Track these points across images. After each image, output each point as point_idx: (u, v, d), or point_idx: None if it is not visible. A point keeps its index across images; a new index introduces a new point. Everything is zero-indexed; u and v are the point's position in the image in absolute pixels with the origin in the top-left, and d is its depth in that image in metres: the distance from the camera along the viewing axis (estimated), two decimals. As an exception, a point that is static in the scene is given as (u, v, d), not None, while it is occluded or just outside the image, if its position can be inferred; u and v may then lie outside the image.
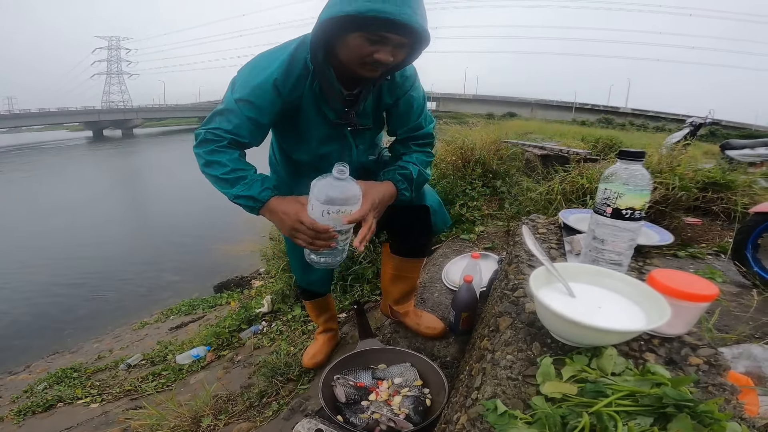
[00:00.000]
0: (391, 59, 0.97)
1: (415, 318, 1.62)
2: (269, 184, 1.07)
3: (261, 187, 1.06)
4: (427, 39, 0.99)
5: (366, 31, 0.92)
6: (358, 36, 0.93)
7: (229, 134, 1.05)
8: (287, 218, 1.04)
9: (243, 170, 1.05)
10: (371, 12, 0.86)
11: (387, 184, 1.20)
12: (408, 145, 1.30)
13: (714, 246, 2.43)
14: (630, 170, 0.83)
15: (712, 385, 0.66)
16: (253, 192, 1.04)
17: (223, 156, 1.04)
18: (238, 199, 1.05)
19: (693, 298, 0.72)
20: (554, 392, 0.57)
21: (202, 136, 1.05)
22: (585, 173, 2.76)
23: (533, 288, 0.70)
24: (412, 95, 1.22)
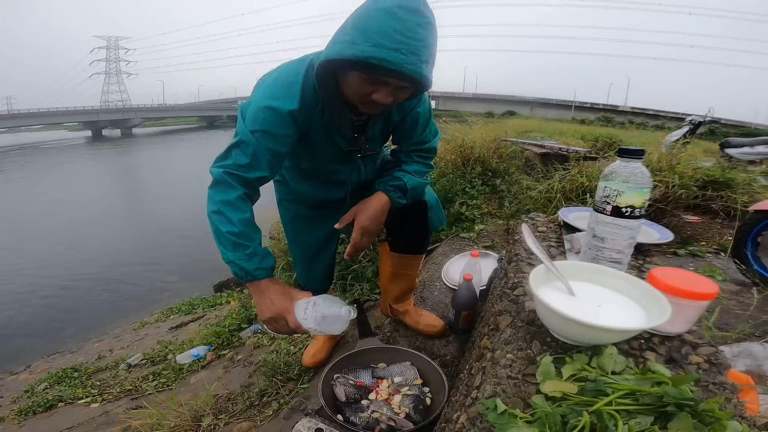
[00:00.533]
0: (391, 100, 0.94)
1: (415, 316, 1.63)
2: (266, 264, 1.03)
3: (258, 264, 1.01)
4: (429, 85, 0.94)
5: (365, 73, 0.88)
6: (357, 76, 0.90)
7: (248, 171, 1.01)
8: (273, 307, 1.01)
9: (249, 238, 1.00)
10: (374, 60, 0.82)
11: (379, 196, 1.22)
12: (410, 155, 1.32)
13: (714, 244, 2.43)
14: (630, 168, 0.83)
15: (712, 384, 0.66)
16: (249, 267, 1.00)
17: (235, 213, 0.99)
18: (230, 264, 1.01)
19: (693, 296, 0.72)
20: (554, 391, 0.57)
21: (219, 176, 1.00)
22: (585, 171, 2.77)
23: (533, 286, 0.69)
24: (419, 111, 1.21)
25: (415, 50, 0.83)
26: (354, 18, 0.86)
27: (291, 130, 1.03)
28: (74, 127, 65.16)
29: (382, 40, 0.81)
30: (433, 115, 1.33)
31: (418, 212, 1.40)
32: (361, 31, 0.83)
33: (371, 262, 2.45)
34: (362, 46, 0.82)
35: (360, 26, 0.83)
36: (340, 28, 0.89)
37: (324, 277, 1.59)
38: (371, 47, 0.81)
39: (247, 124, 1.01)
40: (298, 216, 1.44)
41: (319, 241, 1.47)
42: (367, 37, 0.81)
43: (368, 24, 0.82)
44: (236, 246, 0.99)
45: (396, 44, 0.81)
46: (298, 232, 1.49)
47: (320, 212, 1.41)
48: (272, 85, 1.02)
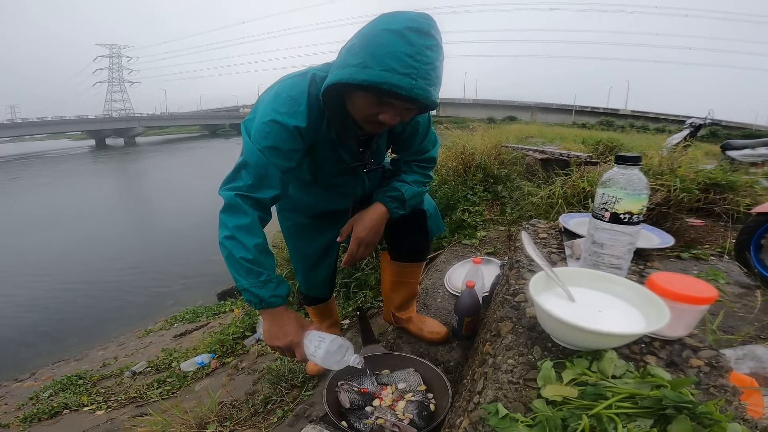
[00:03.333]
0: (397, 120, 0.94)
1: (419, 323, 1.63)
2: (281, 292, 1.02)
3: (272, 291, 1.00)
4: (435, 107, 0.96)
5: (374, 96, 0.88)
6: (366, 98, 0.90)
7: (259, 191, 1.00)
8: (283, 338, 1.02)
9: (262, 265, 0.99)
10: (386, 86, 0.82)
11: (376, 207, 1.23)
12: (410, 164, 1.33)
13: (717, 247, 2.42)
14: (627, 175, 0.84)
15: (713, 387, 0.67)
16: (264, 294, 1.00)
17: (249, 239, 0.97)
18: (244, 291, 1.00)
19: (692, 300, 0.73)
20: (555, 395, 0.58)
21: (231, 200, 0.98)
22: (586, 176, 2.77)
23: (533, 293, 0.71)
24: (418, 120, 1.22)
25: (424, 74, 0.83)
26: (363, 39, 0.85)
27: (299, 145, 1.02)
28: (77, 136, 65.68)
29: (393, 65, 0.80)
30: (434, 122, 1.34)
31: (417, 221, 1.41)
32: (372, 54, 0.82)
33: (374, 269, 2.46)
34: (374, 71, 0.81)
35: (371, 49, 0.82)
36: (348, 47, 0.88)
37: (326, 284, 1.59)
38: (382, 72, 0.81)
39: (254, 141, 0.99)
40: (298, 225, 1.44)
41: (320, 250, 1.47)
42: (379, 61, 0.81)
43: (379, 47, 0.81)
44: (250, 272, 0.98)
45: (407, 69, 0.81)
46: (299, 241, 1.48)
47: (320, 222, 1.41)
48: (276, 100, 1.00)
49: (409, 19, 0.82)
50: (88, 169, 28.74)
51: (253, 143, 0.99)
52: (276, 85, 1.04)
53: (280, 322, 1.03)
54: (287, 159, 1.02)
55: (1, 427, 2.79)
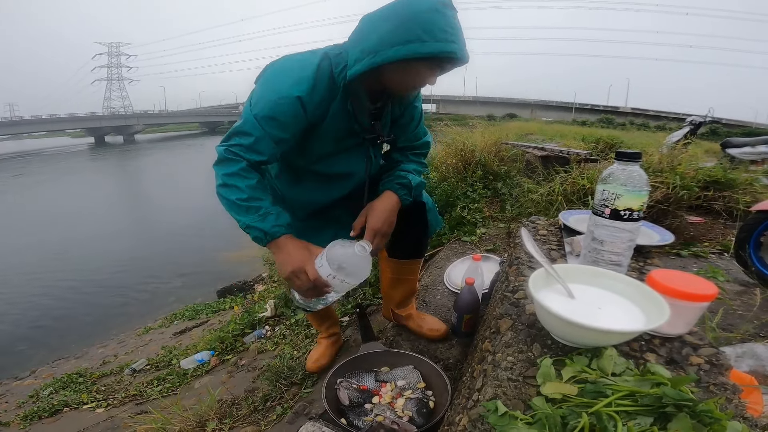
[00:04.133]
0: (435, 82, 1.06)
1: (418, 320, 1.64)
2: (282, 221, 1.06)
3: (274, 221, 1.04)
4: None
5: (434, 66, 1.00)
6: (425, 68, 1.00)
7: (248, 153, 1.03)
8: (292, 261, 1.04)
9: (259, 200, 1.03)
10: (443, 53, 0.93)
11: (388, 196, 1.24)
12: (405, 153, 1.34)
13: (717, 245, 2.42)
14: (627, 171, 0.84)
15: (713, 385, 0.67)
16: (266, 226, 1.03)
17: (241, 181, 1.02)
18: (248, 229, 1.04)
19: (692, 297, 0.72)
20: (554, 393, 0.58)
21: (221, 154, 1.03)
22: (586, 173, 2.76)
23: (532, 290, 0.70)
24: (416, 105, 1.26)
25: (460, 38, 0.95)
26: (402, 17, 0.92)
27: (299, 116, 1.04)
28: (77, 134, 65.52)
29: (442, 36, 0.92)
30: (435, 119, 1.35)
31: (418, 214, 1.40)
32: (423, 29, 0.91)
33: (373, 266, 2.46)
34: (431, 43, 0.91)
35: (421, 25, 0.91)
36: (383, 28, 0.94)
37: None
38: (437, 42, 0.92)
39: (252, 108, 1.02)
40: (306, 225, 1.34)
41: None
42: (431, 34, 0.91)
43: (426, 23, 0.91)
44: (249, 210, 1.02)
45: (450, 37, 0.93)
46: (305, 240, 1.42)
47: (315, 221, 1.35)
48: (280, 71, 1.04)
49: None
50: (87, 166, 28.73)
51: (251, 110, 1.02)
52: (281, 59, 1.08)
53: (287, 250, 1.06)
54: (283, 129, 1.04)
55: (1, 425, 2.80)
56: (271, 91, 1.02)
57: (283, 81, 1.02)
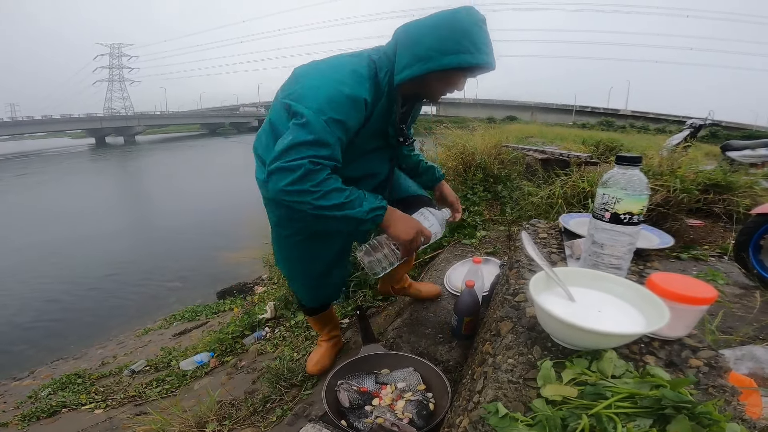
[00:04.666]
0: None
1: (416, 287, 1.84)
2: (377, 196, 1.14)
3: (374, 197, 1.12)
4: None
5: (470, 74, 1.12)
6: (462, 76, 1.12)
7: (330, 161, 1.04)
8: (413, 224, 1.17)
9: (354, 189, 1.09)
10: (484, 64, 1.05)
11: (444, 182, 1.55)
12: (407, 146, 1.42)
13: (716, 247, 2.42)
14: (628, 175, 0.84)
15: (712, 387, 0.67)
16: (377, 202, 1.11)
17: (335, 182, 1.05)
18: (371, 213, 1.09)
19: (692, 301, 0.73)
20: (555, 395, 0.58)
21: (306, 167, 0.99)
22: (586, 176, 2.77)
23: (533, 293, 0.71)
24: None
25: (492, 51, 1.07)
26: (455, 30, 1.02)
27: (361, 118, 1.09)
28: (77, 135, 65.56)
29: (485, 49, 1.04)
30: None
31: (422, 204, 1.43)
32: (471, 42, 1.02)
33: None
34: (477, 55, 1.03)
35: (469, 38, 1.02)
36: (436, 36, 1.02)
37: (338, 288, 1.59)
38: (481, 55, 1.04)
39: (317, 112, 1.00)
40: (309, 234, 1.35)
41: (334, 253, 1.44)
42: (477, 48, 1.03)
43: (474, 36, 1.02)
44: (358, 200, 1.08)
45: (489, 50, 1.06)
46: (309, 252, 1.39)
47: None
48: (339, 73, 1.05)
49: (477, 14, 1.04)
50: (88, 167, 28.75)
51: (316, 114, 1.00)
52: (328, 61, 1.10)
53: (401, 217, 1.17)
54: (347, 132, 1.07)
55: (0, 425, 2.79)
56: (338, 93, 1.02)
57: (347, 83, 1.03)
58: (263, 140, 1.21)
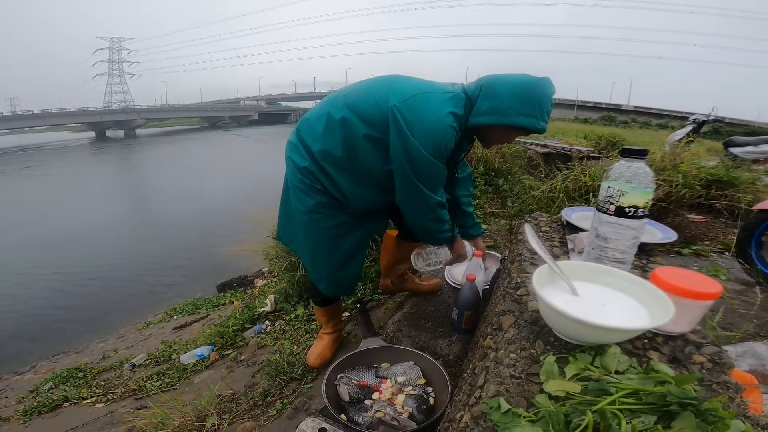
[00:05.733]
0: None
1: (416, 281, 1.95)
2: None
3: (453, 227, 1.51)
4: None
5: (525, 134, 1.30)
6: (518, 133, 1.30)
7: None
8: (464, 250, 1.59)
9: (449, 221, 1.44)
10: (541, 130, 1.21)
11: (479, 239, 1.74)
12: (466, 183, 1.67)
13: (718, 243, 2.41)
14: (633, 168, 0.83)
15: (716, 383, 0.66)
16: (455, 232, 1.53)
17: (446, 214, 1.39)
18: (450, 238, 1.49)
19: (697, 296, 0.72)
20: (558, 390, 0.57)
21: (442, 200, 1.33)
22: (588, 171, 2.76)
23: (536, 286, 0.70)
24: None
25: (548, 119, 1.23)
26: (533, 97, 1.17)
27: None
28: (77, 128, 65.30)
29: (547, 118, 1.21)
30: None
31: None
32: (540, 111, 1.18)
33: (374, 262, 2.46)
34: (540, 122, 1.19)
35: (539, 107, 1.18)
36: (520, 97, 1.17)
37: (356, 279, 1.63)
38: (544, 123, 1.20)
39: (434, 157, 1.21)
40: (339, 223, 1.41)
41: (355, 243, 1.49)
42: (543, 117, 1.19)
43: (544, 106, 1.19)
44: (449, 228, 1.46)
45: (548, 119, 1.21)
46: (336, 239, 1.44)
47: (360, 217, 1.45)
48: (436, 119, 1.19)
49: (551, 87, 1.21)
50: (89, 160, 28.69)
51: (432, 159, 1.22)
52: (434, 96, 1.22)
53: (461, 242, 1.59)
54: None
55: (1, 420, 2.80)
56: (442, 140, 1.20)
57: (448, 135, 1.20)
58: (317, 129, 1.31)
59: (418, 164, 1.20)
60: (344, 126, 1.24)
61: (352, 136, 1.24)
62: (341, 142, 1.26)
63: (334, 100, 1.31)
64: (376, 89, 1.25)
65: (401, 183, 1.27)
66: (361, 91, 1.29)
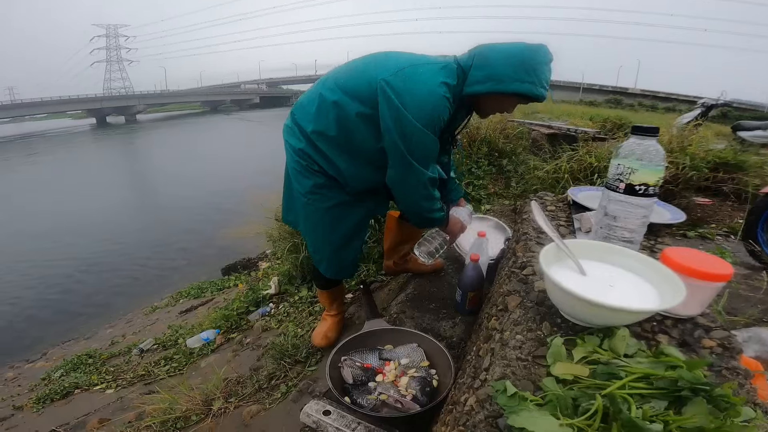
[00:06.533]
0: None
1: (419, 263, 1.90)
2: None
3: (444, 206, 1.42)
4: None
5: (524, 101, 1.24)
6: (516, 102, 1.25)
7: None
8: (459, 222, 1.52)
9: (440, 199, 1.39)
10: (540, 97, 1.17)
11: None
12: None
13: (724, 226, 2.39)
14: (644, 146, 0.80)
15: (725, 369, 0.64)
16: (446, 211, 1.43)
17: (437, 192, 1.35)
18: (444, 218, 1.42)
19: (709, 277, 0.70)
20: (565, 374, 0.56)
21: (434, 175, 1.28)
22: (594, 152, 2.72)
23: (543, 265, 0.68)
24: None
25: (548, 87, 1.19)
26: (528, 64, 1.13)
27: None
28: (78, 115, 65.04)
29: (546, 85, 1.17)
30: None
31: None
32: (537, 77, 1.14)
33: (377, 243, 2.45)
34: (538, 88, 1.15)
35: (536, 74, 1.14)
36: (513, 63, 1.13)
37: (356, 262, 1.62)
38: (542, 89, 1.16)
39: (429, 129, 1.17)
40: (338, 204, 1.41)
41: (354, 225, 1.48)
42: (541, 83, 1.15)
43: (541, 73, 1.15)
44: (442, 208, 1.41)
45: (547, 86, 1.18)
46: (335, 221, 1.44)
47: (358, 197, 1.43)
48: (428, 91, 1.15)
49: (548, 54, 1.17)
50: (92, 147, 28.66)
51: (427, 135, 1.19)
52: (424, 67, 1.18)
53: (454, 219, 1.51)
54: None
55: (15, 409, 2.85)
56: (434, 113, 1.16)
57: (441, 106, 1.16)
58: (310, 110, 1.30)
59: (410, 137, 1.16)
60: (336, 106, 1.23)
61: (345, 116, 1.23)
62: (335, 122, 1.25)
63: (326, 81, 1.30)
64: (365, 66, 1.24)
65: (393, 158, 1.23)
66: (352, 69, 1.27)
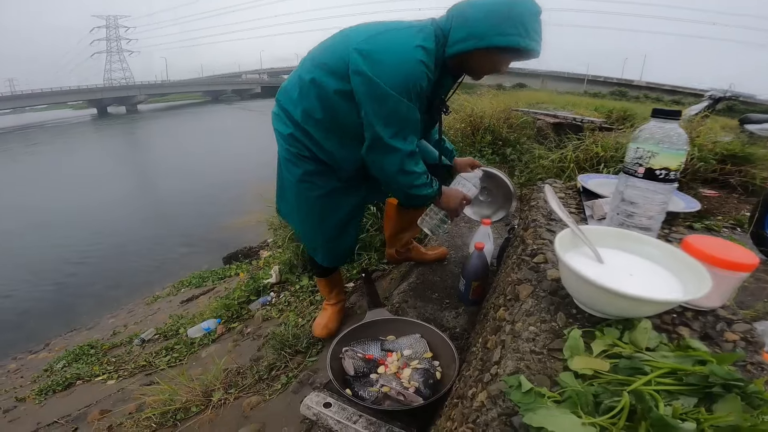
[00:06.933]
0: None
1: (420, 250, 1.90)
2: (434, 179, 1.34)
3: (434, 180, 1.32)
4: None
5: (516, 57, 1.17)
6: (510, 58, 1.18)
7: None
8: (457, 194, 1.39)
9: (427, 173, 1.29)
10: (532, 50, 1.10)
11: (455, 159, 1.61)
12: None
13: (730, 219, 2.36)
14: (666, 129, 0.75)
15: (750, 364, 0.60)
16: (436, 186, 1.32)
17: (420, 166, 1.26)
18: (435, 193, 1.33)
19: (734, 267, 0.65)
20: (584, 368, 0.52)
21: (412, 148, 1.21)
22: (600, 142, 2.68)
23: (559, 251, 0.63)
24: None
25: (541, 40, 1.12)
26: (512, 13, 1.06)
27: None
28: (79, 106, 64.70)
29: (536, 37, 1.09)
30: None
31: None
32: (525, 27, 1.07)
33: (379, 231, 2.41)
34: (528, 40, 1.07)
35: (524, 24, 1.06)
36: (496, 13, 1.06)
37: (352, 249, 1.59)
38: (531, 41, 1.08)
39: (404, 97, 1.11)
40: (329, 191, 1.37)
41: (347, 213, 1.44)
42: (529, 34, 1.07)
43: (528, 24, 1.07)
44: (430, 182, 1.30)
45: (539, 38, 1.10)
46: (327, 209, 1.41)
47: (350, 183, 1.39)
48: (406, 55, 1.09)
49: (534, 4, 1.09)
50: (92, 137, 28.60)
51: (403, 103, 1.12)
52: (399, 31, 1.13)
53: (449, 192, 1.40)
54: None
55: (18, 400, 2.84)
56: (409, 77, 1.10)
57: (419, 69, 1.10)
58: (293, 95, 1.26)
59: (384, 105, 1.10)
60: (315, 86, 1.19)
61: (325, 95, 1.18)
62: (317, 102, 1.21)
63: (304, 62, 1.27)
64: (338, 40, 1.20)
65: (367, 131, 1.18)
66: (327, 46, 1.22)
